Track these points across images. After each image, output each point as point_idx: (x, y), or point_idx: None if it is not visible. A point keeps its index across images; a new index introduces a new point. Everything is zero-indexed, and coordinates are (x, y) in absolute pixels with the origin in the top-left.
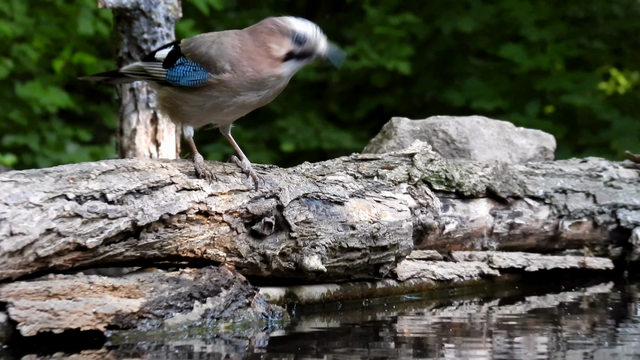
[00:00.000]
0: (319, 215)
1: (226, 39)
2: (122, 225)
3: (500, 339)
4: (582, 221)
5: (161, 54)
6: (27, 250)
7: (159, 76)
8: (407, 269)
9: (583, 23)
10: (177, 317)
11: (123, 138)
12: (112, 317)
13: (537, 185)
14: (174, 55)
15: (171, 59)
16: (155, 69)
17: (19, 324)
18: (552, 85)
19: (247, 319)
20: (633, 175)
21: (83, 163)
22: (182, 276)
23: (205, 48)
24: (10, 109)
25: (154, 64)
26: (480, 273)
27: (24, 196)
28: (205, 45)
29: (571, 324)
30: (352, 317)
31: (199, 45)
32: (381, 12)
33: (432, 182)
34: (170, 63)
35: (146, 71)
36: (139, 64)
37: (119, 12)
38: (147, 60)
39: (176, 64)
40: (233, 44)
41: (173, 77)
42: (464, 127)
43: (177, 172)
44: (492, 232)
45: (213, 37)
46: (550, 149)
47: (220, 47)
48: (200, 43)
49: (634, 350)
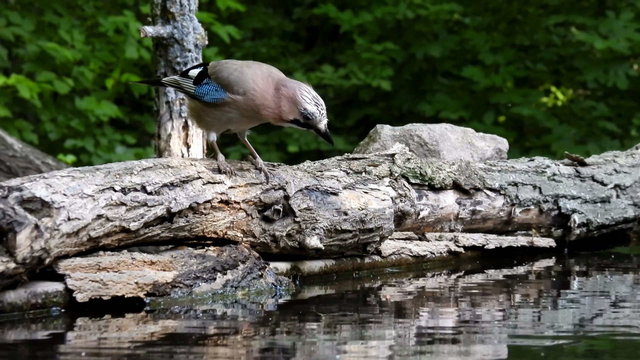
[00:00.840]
0: (318, 203)
1: (248, 70)
2: (159, 211)
3: (465, 304)
4: (530, 208)
5: (193, 73)
6: (82, 232)
7: (189, 90)
8: (389, 247)
9: (528, 49)
10: (203, 286)
11: (160, 141)
12: (150, 286)
13: (494, 179)
14: (203, 76)
15: (200, 78)
16: (187, 84)
17: (75, 292)
18: (504, 99)
19: (259, 288)
20: (571, 171)
21: (127, 161)
22: (207, 253)
23: (227, 74)
24: (71, 118)
25: (187, 80)
26: (448, 250)
27: (79, 188)
28: (227, 72)
29: (522, 291)
30: (344, 286)
31: (222, 70)
32: (367, 41)
33: (409, 177)
34: (199, 81)
35: (180, 85)
36: (176, 78)
37: (157, 40)
38: (182, 75)
39: (203, 83)
40: (254, 78)
41: (200, 93)
42: (435, 133)
43: (203, 169)
44: (458, 217)
45: (235, 66)
46: (504, 150)
47: (240, 76)
48: (224, 69)
49: (572, 312)
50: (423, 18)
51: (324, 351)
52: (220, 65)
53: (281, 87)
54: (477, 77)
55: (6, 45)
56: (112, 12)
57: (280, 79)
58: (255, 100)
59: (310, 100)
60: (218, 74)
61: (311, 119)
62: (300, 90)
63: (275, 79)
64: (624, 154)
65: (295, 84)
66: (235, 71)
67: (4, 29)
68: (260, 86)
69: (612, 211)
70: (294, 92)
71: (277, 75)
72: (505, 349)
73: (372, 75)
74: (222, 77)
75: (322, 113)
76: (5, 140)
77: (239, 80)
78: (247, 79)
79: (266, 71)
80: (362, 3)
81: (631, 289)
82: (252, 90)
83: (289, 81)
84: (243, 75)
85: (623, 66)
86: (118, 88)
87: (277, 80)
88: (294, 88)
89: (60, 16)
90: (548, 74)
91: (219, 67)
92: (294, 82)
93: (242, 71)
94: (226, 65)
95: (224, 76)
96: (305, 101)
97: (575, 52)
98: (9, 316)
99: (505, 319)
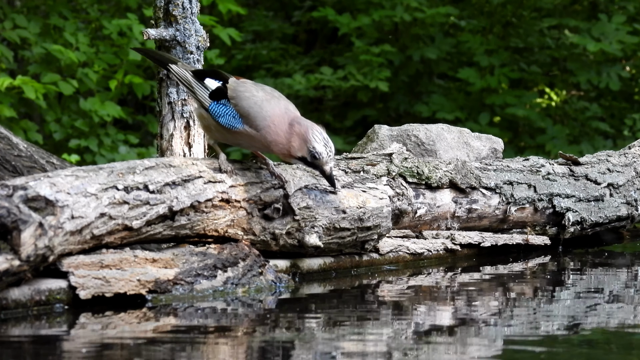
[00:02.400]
0: (317, 202)
1: (268, 106)
2: (161, 210)
3: (461, 301)
4: (525, 207)
5: (210, 84)
6: (85, 230)
7: (202, 101)
8: (387, 244)
9: (523, 52)
10: (204, 283)
11: (162, 141)
12: (152, 284)
13: (490, 178)
14: (221, 93)
15: (217, 95)
16: (201, 93)
17: (78, 289)
18: (499, 100)
19: (259, 285)
20: (565, 171)
21: (130, 161)
22: (208, 251)
23: (247, 106)
24: (75, 118)
25: (201, 88)
26: (444, 248)
27: (83, 187)
28: (247, 103)
29: (517, 288)
30: (343, 283)
31: (243, 99)
32: (365, 43)
33: (407, 176)
34: (215, 97)
35: (193, 89)
36: (189, 78)
37: (159, 42)
38: (196, 77)
39: (220, 103)
40: (271, 115)
41: (215, 112)
42: (431, 133)
43: (204, 168)
44: (454, 216)
45: (256, 99)
46: (499, 149)
47: (259, 112)
48: (244, 98)
49: (567, 309)
50: (420, 21)
51: (322, 347)
52: (241, 93)
53: (295, 124)
54: (473, 78)
55: (12, 48)
56: (116, 15)
57: (295, 117)
58: (268, 137)
59: (320, 140)
60: (238, 101)
61: (318, 159)
62: (313, 130)
63: (291, 115)
64: (617, 154)
65: (309, 123)
66: (255, 105)
67: (11, 32)
68: (275, 123)
69: (605, 209)
70: (306, 130)
71: (293, 112)
72: (501, 344)
73: (370, 76)
74: (242, 107)
75: (330, 155)
76: (10, 140)
77: (258, 116)
78: (265, 115)
79: (284, 107)
80: (360, 6)
81: (624, 285)
82: (267, 127)
83: (303, 120)
84: (262, 111)
85: (615, 68)
86: (121, 89)
87: (292, 117)
88: (307, 126)
89: (65, 19)
90: (542, 76)
91: (240, 95)
92: (308, 122)
93: (262, 106)
94: (247, 94)
95: (244, 107)
96: (315, 140)
97: (568, 54)
98: (13, 313)
99: (501, 315)
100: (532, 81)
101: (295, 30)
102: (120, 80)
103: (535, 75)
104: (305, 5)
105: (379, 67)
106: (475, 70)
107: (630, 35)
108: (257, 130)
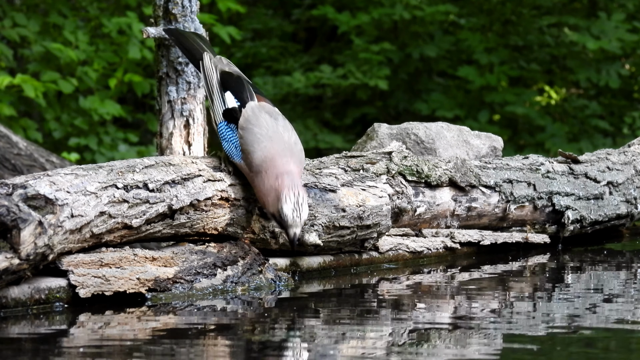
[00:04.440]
0: (316, 200)
1: (271, 148)
2: (160, 208)
3: (461, 299)
4: (524, 205)
5: (229, 99)
6: (85, 229)
7: (215, 115)
8: (386, 243)
9: (522, 50)
10: (204, 282)
11: (162, 140)
12: (152, 282)
13: (489, 177)
14: (233, 115)
15: (230, 117)
16: (217, 105)
17: (77, 287)
18: (498, 98)
19: (259, 283)
20: (564, 169)
21: (130, 159)
22: (208, 249)
23: (249, 143)
24: (75, 117)
25: (219, 100)
26: (444, 246)
27: (82, 185)
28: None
29: (517, 286)
30: (342, 281)
31: (249, 134)
32: (364, 41)
33: (406, 174)
34: (227, 117)
35: (212, 97)
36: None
37: (159, 41)
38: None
39: (230, 127)
40: (266, 160)
41: (222, 132)
42: (431, 131)
43: (204, 167)
44: (454, 214)
45: (262, 138)
46: (499, 148)
47: (259, 155)
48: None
49: (566, 307)
50: (419, 19)
51: (322, 345)
52: (251, 127)
53: (279, 178)
54: (472, 76)
55: (12, 46)
56: (115, 13)
57: (285, 171)
58: (255, 180)
59: (291, 202)
60: (243, 134)
61: (284, 220)
62: (289, 190)
63: (285, 168)
64: (617, 152)
65: (291, 184)
66: (259, 147)
67: (10, 30)
68: (268, 172)
69: (605, 208)
70: (283, 189)
71: (287, 165)
72: (500, 341)
73: (370, 75)
74: (244, 142)
75: (296, 221)
76: (10, 139)
77: (255, 159)
78: (260, 161)
79: (288, 151)
80: (360, 4)
81: (624, 283)
82: (257, 171)
83: (288, 178)
84: (261, 153)
85: (615, 66)
86: (121, 87)
87: (283, 170)
88: (285, 186)
89: (65, 17)
90: (541, 74)
91: (248, 127)
92: (293, 182)
93: (263, 148)
94: (255, 129)
95: (247, 143)
96: (285, 201)
97: (568, 52)
98: (13, 311)
99: (501, 313)
100: (532, 79)
101: (294, 28)
102: (120, 79)
103: (535, 73)
104: (304, 3)
105: (379, 65)
106: (475, 68)
107: (630, 33)
108: (249, 169)
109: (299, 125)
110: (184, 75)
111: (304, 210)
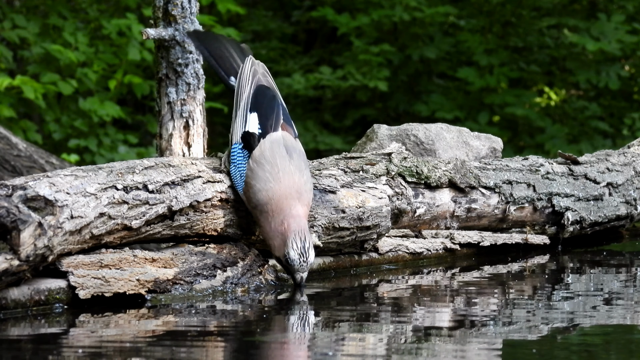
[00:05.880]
0: (316, 201)
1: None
2: (160, 210)
3: (460, 300)
4: (524, 206)
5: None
6: (84, 230)
7: (233, 132)
8: (386, 244)
9: (522, 51)
10: (203, 283)
11: (162, 141)
12: (152, 283)
13: (489, 178)
14: (249, 145)
15: (246, 143)
16: (239, 123)
17: (77, 288)
18: (498, 100)
19: (259, 285)
20: (564, 170)
21: (129, 161)
22: (208, 250)
23: (257, 182)
24: (74, 118)
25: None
26: (444, 247)
27: (82, 187)
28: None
29: (517, 287)
30: (342, 282)
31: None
32: (364, 43)
33: (406, 176)
34: (243, 142)
35: (237, 110)
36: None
37: (159, 42)
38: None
39: (242, 153)
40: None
41: (233, 154)
42: (431, 132)
43: (203, 168)
44: (454, 215)
45: (269, 181)
46: (498, 149)
47: (265, 194)
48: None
49: (566, 308)
50: (419, 21)
51: (322, 346)
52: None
53: (285, 222)
54: (472, 78)
55: (11, 47)
56: (115, 15)
57: (292, 215)
58: (259, 218)
59: (298, 248)
60: (254, 167)
61: (290, 265)
62: (296, 235)
63: (292, 213)
64: (616, 153)
65: (297, 228)
66: (265, 186)
67: (10, 32)
68: (273, 213)
69: (604, 209)
70: (289, 234)
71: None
72: (500, 343)
73: (369, 76)
74: (252, 176)
75: (303, 266)
76: (10, 140)
77: (261, 198)
78: (265, 202)
79: (295, 193)
80: (360, 6)
81: (624, 285)
82: (261, 210)
83: (296, 222)
84: (266, 194)
85: (614, 67)
86: (121, 89)
87: (288, 214)
88: (292, 231)
89: (64, 19)
90: (541, 75)
91: (261, 161)
92: (299, 225)
93: (269, 189)
94: (267, 167)
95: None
96: (292, 246)
97: (567, 53)
98: (12, 313)
99: (500, 314)
100: (532, 80)
101: (294, 29)
102: (120, 80)
103: (535, 75)
104: (304, 4)
105: (378, 67)
106: (475, 69)
107: (630, 34)
108: (248, 203)
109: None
110: (184, 77)
111: (310, 255)
